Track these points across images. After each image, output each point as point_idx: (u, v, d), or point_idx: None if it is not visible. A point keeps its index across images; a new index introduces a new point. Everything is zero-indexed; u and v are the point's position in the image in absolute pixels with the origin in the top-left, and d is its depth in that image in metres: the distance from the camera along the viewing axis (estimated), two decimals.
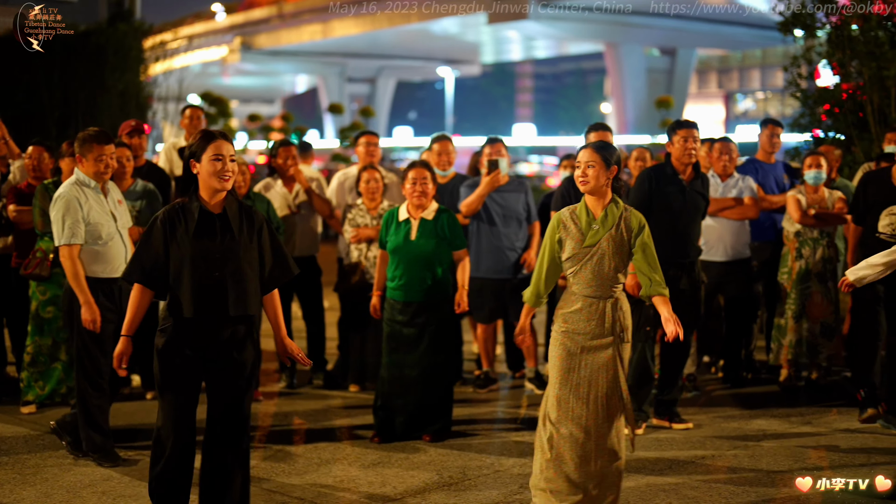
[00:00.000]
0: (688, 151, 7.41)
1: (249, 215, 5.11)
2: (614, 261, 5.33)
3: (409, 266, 7.21)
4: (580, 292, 5.36)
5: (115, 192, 6.84)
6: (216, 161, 4.96)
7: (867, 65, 13.62)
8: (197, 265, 4.94)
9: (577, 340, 5.34)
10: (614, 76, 63.11)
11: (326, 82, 72.78)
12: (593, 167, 5.36)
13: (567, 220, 5.41)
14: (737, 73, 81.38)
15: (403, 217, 7.28)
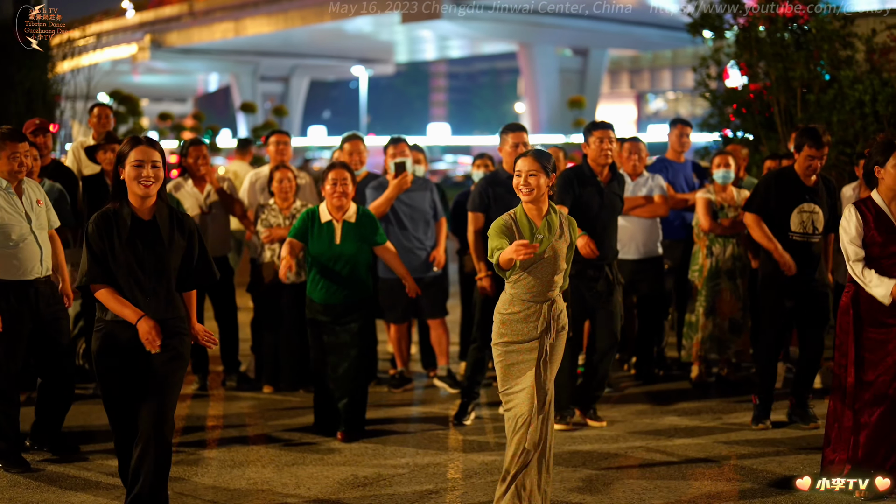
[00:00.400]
0: (604, 152, 7.48)
1: (180, 221, 5.22)
2: (555, 267, 5.40)
3: (332, 269, 7.19)
4: (519, 296, 5.41)
5: (34, 192, 6.66)
6: (137, 167, 5.03)
7: (774, 66, 13.90)
8: (130, 272, 5.06)
9: (516, 340, 5.40)
10: (527, 76, 63.59)
11: (239, 81, 72.10)
12: (535, 176, 5.36)
13: (512, 227, 5.38)
14: (648, 74, 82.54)
15: (326, 219, 7.23)
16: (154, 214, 5.14)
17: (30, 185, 6.69)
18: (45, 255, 6.57)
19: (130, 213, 5.09)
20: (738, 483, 6.18)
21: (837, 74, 13.46)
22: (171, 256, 5.15)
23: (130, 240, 5.07)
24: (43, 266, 6.56)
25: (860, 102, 12.50)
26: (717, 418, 7.81)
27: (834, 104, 12.91)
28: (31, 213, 6.54)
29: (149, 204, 5.13)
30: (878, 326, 5.93)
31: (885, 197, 5.93)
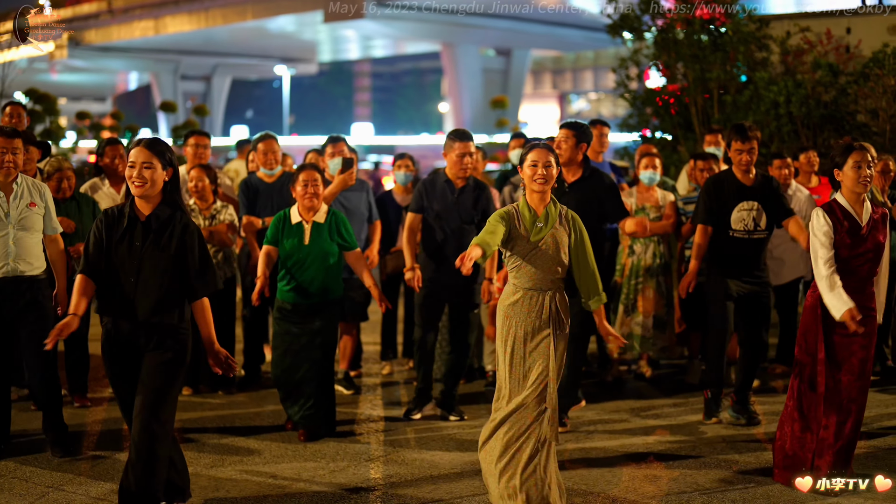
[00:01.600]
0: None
1: (181, 224, 5.29)
2: (557, 256, 5.59)
3: (302, 269, 7.20)
4: (521, 285, 5.62)
5: (29, 194, 6.70)
6: (130, 168, 5.18)
7: (691, 67, 14.11)
8: (115, 268, 5.20)
9: (518, 331, 5.57)
10: (451, 76, 63.68)
11: (159, 80, 71.17)
12: (550, 167, 5.62)
13: (514, 217, 5.62)
14: (570, 74, 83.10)
15: (296, 220, 7.25)
16: (150, 215, 5.23)
17: (30, 186, 6.73)
18: (19, 255, 6.62)
19: (129, 213, 5.22)
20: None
21: (753, 76, 13.70)
22: (159, 257, 5.20)
23: (120, 237, 5.20)
24: (10, 265, 6.60)
25: (775, 103, 12.74)
26: (636, 415, 7.89)
27: (750, 105, 13.15)
28: (12, 212, 6.58)
29: (148, 204, 5.24)
30: (844, 327, 5.95)
31: (848, 198, 6.03)
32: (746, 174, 7.48)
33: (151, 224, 5.23)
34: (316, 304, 7.24)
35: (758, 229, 7.47)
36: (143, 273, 5.19)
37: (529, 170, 5.64)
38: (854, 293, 5.94)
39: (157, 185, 5.22)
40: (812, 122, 12.67)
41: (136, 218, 5.24)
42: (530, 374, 5.53)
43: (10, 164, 6.62)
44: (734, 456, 6.76)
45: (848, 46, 13.79)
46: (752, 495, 5.95)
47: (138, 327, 5.25)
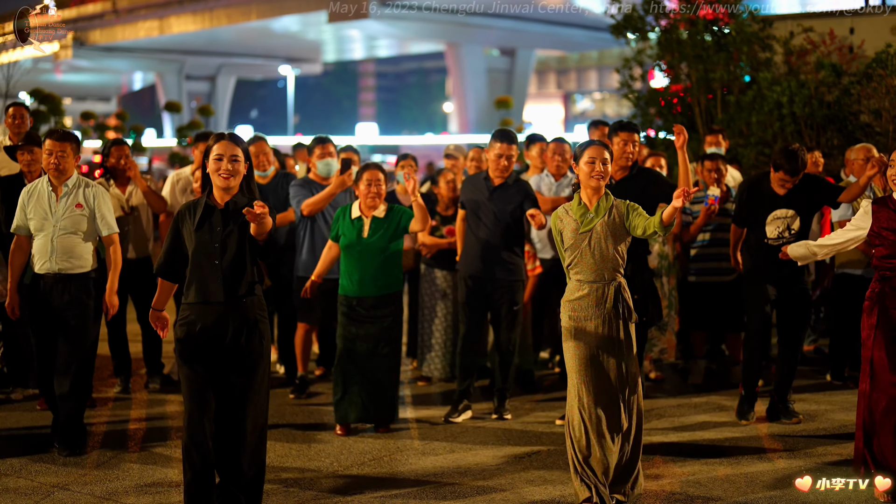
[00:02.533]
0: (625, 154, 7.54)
1: None
2: (611, 243, 5.71)
3: (361, 262, 7.41)
4: (584, 279, 5.75)
5: (78, 196, 6.93)
6: (217, 160, 5.34)
7: (694, 67, 14.13)
8: (197, 255, 5.35)
9: (587, 326, 5.70)
10: (455, 76, 63.68)
11: (164, 80, 71.20)
12: (606, 164, 5.79)
13: (563, 216, 5.82)
14: (575, 74, 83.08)
15: (356, 215, 7.48)
16: (229, 202, 5.39)
17: (82, 188, 6.96)
18: (59, 254, 6.84)
19: (205, 202, 5.40)
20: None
21: (756, 76, 13.71)
22: (238, 240, 5.35)
23: (199, 225, 5.36)
24: (49, 263, 6.83)
25: (778, 104, 12.74)
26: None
27: (753, 105, 13.15)
28: (58, 212, 6.85)
29: (226, 194, 5.40)
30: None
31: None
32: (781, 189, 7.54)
33: (229, 209, 5.40)
34: (380, 297, 7.47)
35: (791, 234, 7.51)
36: (226, 257, 5.34)
37: (587, 166, 5.77)
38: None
39: (240, 177, 5.42)
40: (815, 123, 12.68)
41: (214, 206, 5.41)
42: (608, 367, 5.66)
43: (53, 166, 6.87)
44: (741, 457, 6.78)
45: (851, 47, 13.79)
46: (757, 499, 5.97)
47: (225, 312, 5.35)
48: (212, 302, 5.34)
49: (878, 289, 6.07)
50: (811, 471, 6.35)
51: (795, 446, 7.02)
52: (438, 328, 9.00)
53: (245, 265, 5.38)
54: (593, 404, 5.65)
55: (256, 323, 5.42)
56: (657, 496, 5.95)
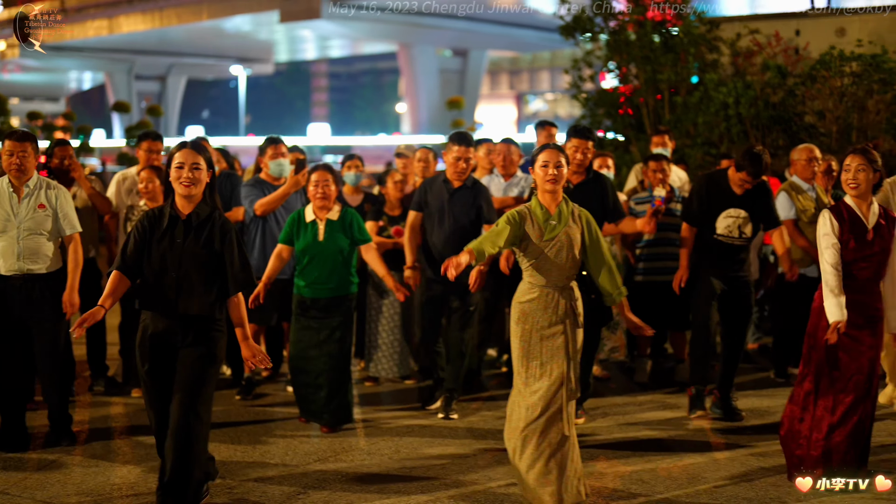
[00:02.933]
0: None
1: (220, 222, 5.49)
2: (571, 253, 5.74)
3: (317, 265, 7.47)
4: (537, 283, 5.77)
5: (40, 197, 6.95)
6: (178, 169, 5.39)
7: (643, 68, 14.23)
8: (156, 265, 5.37)
9: (535, 328, 5.73)
10: (408, 76, 63.65)
11: (113, 80, 70.50)
12: (561, 167, 5.79)
13: (527, 216, 5.78)
14: (527, 75, 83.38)
15: (310, 218, 7.52)
16: (191, 213, 5.42)
17: (43, 188, 6.98)
18: (26, 255, 6.86)
19: (169, 212, 5.42)
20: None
21: (703, 77, 13.83)
22: (203, 254, 5.40)
23: (164, 235, 5.39)
24: (18, 264, 6.85)
25: (724, 104, 12.89)
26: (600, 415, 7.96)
27: (700, 106, 13.29)
28: (21, 213, 6.85)
29: (189, 203, 5.43)
30: (851, 327, 5.99)
31: (855, 200, 6.08)
32: (738, 189, 7.60)
33: (192, 221, 5.43)
34: (332, 299, 7.51)
35: (742, 237, 7.62)
36: (183, 269, 5.37)
37: (541, 170, 5.80)
38: (857, 293, 6.01)
39: (202, 186, 5.45)
40: (761, 123, 12.83)
41: (177, 216, 5.44)
42: (551, 371, 5.69)
43: (15, 167, 6.87)
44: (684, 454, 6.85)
45: (797, 48, 13.98)
46: (698, 493, 6.02)
47: (177, 322, 5.42)
48: (167, 310, 5.41)
49: None
50: (753, 466, 6.43)
51: (738, 443, 7.10)
52: (385, 328, 9.00)
53: (202, 277, 5.41)
54: (536, 405, 5.67)
55: (210, 330, 5.49)
56: (600, 493, 5.98)
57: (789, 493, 5.95)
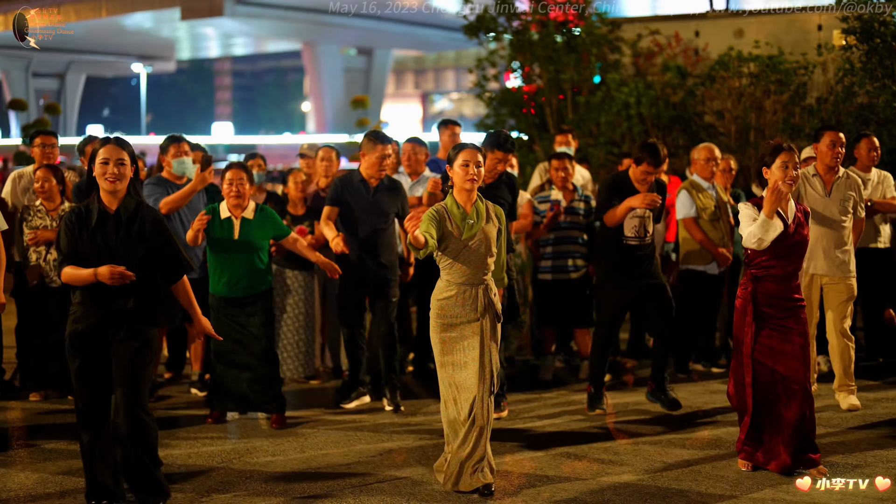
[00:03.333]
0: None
1: (149, 214, 5.56)
2: (488, 251, 5.88)
3: (233, 264, 7.46)
4: (455, 281, 5.88)
5: None
6: (103, 164, 5.43)
7: (546, 68, 14.35)
8: (91, 261, 5.38)
9: (453, 324, 5.86)
10: (312, 75, 63.28)
11: (9, 77, 68.65)
12: (480, 166, 5.89)
13: (444, 217, 5.85)
14: (432, 74, 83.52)
15: (225, 215, 7.51)
16: (119, 208, 5.46)
17: None
18: None
19: (98, 208, 5.45)
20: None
21: (605, 77, 14.00)
22: (136, 247, 5.45)
23: (94, 231, 5.42)
24: None
25: (626, 104, 13.05)
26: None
27: (602, 106, 13.43)
28: None
29: (115, 198, 5.47)
30: (780, 311, 6.17)
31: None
32: (643, 186, 7.69)
33: (121, 216, 5.47)
34: (249, 297, 7.52)
35: (647, 235, 7.74)
36: (118, 263, 5.37)
37: (461, 169, 5.87)
38: (780, 283, 6.18)
39: (126, 181, 5.49)
40: (661, 123, 13.03)
41: (106, 212, 5.48)
42: (470, 365, 5.81)
43: None
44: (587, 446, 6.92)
45: (696, 49, 14.23)
46: (602, 485, 6.09)
47: (111, 316, 5.44)
48: (99, 305, 5.44)
49: (749, 288, 6.27)
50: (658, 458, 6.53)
51: (639, 431, 7.21)
52: (290, 328, 8.93)
53: (137, 271, 5.42)
54: (460, 398, 5.83)
55: (144, 327, 5.53)
56: (505, 492, 6.01)
57: (696, 481, 6.04)
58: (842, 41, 11.78)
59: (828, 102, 12.05)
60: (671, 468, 6.42)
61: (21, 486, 6.14)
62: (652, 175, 7.66)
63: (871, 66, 11.35)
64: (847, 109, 11.68)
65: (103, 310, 5.45)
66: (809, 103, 12.38)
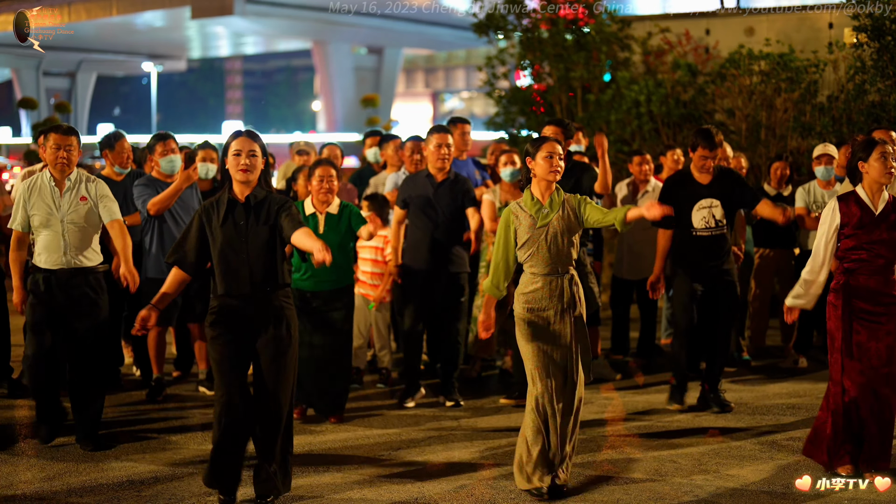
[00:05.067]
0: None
1: (277, 202, 5.69)
2: (566, 237, 5.87)
3: None
4: (539, 272, 5.89)
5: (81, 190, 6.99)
6: (236, 156, 5.61)
7: (555, 66, 14.31)
8: (223, 249, 5.61)
9: (541, 317, 5.85)
10: (322, 74, 63.32)
11: (20, 75, 68.91)
12: (561, 157, 5.93)
13: (517, 211, 5.94)
14: (443, 73, 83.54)
15: (310, 211, 7.63)
16: (249, 196, 5.65)
17: (83, 181, 7.02)
18: (72, 249, 6.89)
19: (227, 198, 5.64)
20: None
21: (615, 75, 13.96)
22: (260, 234, 5.60)
23: (226, 220, 5.61)
24: (64, 258, 6.88)
25: (636, 102, 13.02)
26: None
27: (612, 104, 13.39)
28: (63, 207, 6.89)
29: (245, 189, 5.65)
30: (874, 305, 6.09)
31: (868, 189, 6.14)
32: (703, 175, 7.70)
33: (250, 203, 5.65)
34: (334, 291, 7.66)
35: (718, 225, 7.70)
36: (250, 248, 5.58)
37: (545, 161, 5.89)
38: (874, 276, 6.09)
39: (258, 171, 5.66)
40: (672, 121, 12.99)
41: (236, 200, 5.65)
42: (562, 357, 5.84)
43: (64, 161, 6.91)
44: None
45: (706, 47, 14.18)
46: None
47: (249, 302, 5.62)
48: (239, 294, 5.61)
49: (842, 281, 6.18)
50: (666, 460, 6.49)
51: (651, 430, 7.17)
52: None
53: (269, 257, 5.63)
54: (548, 391, 5.81)
55: (283, 310, 5.68)
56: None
57: (707, 482, 6.00)
58: (853, 39, 11.73)
59: (839, 100, 12.00)
60: (682, 470, 6.38)
61: (28, 484, 6.15)
62: (709, 160, 7.66)
63: (883, 64, 11.31)
64: (858, 107, 11.63)
65: (244, 297, 5.61)
66: (820, 101, 12.33)
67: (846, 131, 11.53)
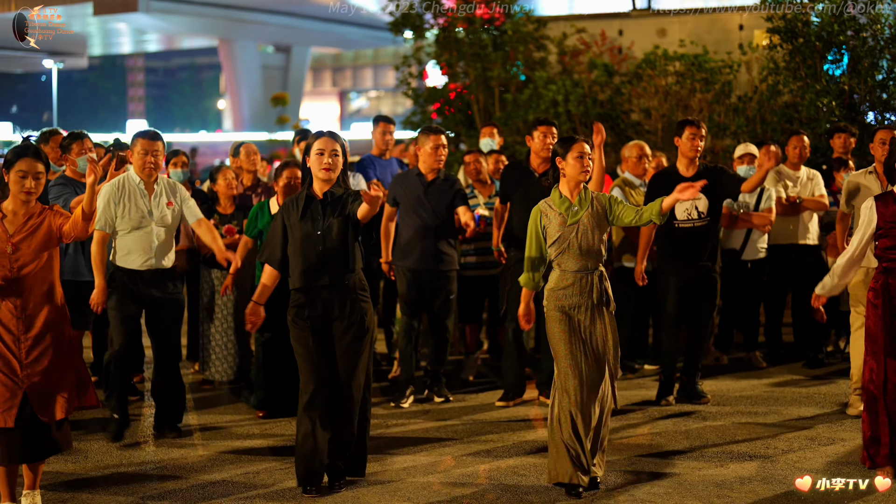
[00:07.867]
0: (546, 146, 8.05)
1: (348, 198, 5.93)
2: (596, 234, 5.93)
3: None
4: (570, 269, 5.94)
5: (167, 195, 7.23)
6: (319, 155, 5.91)
7: (473, 66, 14.30)
8: (302, 243, 5.90)
9: (573, 313, 5.90)
10: (229, 72, 62.72)
11: None
12: (591, 158, 5.99)
13: (546, 209, 6.00)
14: (350, 72, 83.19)
15: (275, 210, 7.65)
16: (327, 193, 5.92)
17: (168, 186, 7.28)
18: (159, 251, 7.14)
19: (306, 194, 5.95)
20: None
21: (532, 75, 14.00)
22: (336, 228, 5.86)
23: (304, 215, 5.91)
24: (152, 260, 7.12)
25: (554, 102, 13.06)
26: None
27: (530, 103, 13.42)
28: (154, 211, 7.11)
29: (324, 186, 5.95)
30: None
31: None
32: (690, 165, 7.80)
33: (327, 199, 5.93)
34: None
35: (701, 217, 7.77)
36: (326, 242, 5.86)
37: (577, 162, 5.93)
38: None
39: (339, 170, 5.95)
40: (589, 121, 13.05)
41: (314, 196, 5.95)
42: (594, 353, 5.88)
43: (152, 166, 7.09)
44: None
45: (621, 48, 14.31)
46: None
47: (327, 292, 5.90)
48: (318, 285, 5.90)
49: (881, 280, 6.17)
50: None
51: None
52: (218, 330, 8.73)
53: (345, 249, 5.90)
54: (579, 387, 5.82)
55: (359, 300, 5.96)
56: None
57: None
58: (763, 40, 11.93)
59: (752, 101, 12.19)
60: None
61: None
62: (697, 138, 7.79)
63: (795, 66, 11.51)
64: (771, 108, 11.83)
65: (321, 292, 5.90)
66: (734, 102, 12.50)
67: (760, 131, 11.72)
